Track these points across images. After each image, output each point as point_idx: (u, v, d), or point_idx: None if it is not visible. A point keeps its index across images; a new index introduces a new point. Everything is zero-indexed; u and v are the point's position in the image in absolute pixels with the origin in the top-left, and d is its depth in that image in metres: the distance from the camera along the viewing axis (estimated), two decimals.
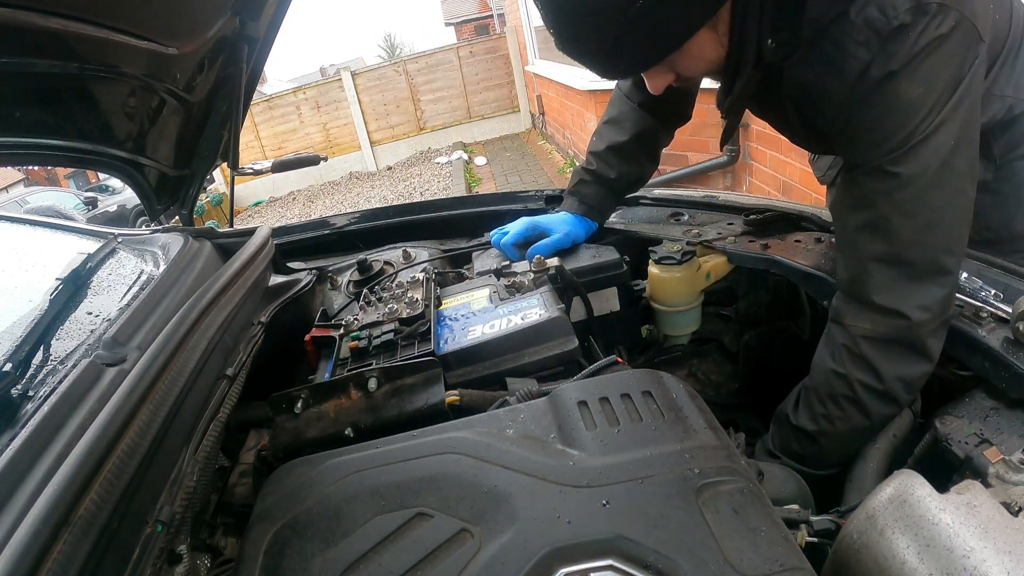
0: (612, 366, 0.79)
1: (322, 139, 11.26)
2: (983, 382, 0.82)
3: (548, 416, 0.66)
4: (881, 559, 0.61)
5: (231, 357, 0.87)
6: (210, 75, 1.28)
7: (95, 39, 0.92)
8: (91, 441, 0.54)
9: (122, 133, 1.24)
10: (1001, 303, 0.85)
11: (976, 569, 0.54)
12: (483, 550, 0.52)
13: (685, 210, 1.40)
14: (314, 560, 0.56)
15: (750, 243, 1.15)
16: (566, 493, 0.56)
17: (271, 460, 0.77)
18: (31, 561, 0.45)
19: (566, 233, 1.22)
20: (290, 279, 1.25)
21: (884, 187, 0.78)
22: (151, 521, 0.59)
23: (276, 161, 1.85)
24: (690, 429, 0.62)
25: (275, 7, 1.24)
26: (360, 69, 11.46)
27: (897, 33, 0.71)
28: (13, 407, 0.67)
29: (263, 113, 10.94)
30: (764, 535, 0.51)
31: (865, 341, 0.83)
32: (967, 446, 0.75)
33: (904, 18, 0.71)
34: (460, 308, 0.99)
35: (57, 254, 1.16)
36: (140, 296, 0.89)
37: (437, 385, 0.80)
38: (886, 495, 0.65)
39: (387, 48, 34.48)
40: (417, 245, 1.45)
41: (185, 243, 1.11)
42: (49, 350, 0.79)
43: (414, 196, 8.25)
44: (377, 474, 0.63)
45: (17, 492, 0.52)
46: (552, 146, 8.86)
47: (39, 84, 0.99)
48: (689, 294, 1.18)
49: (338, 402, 0.81)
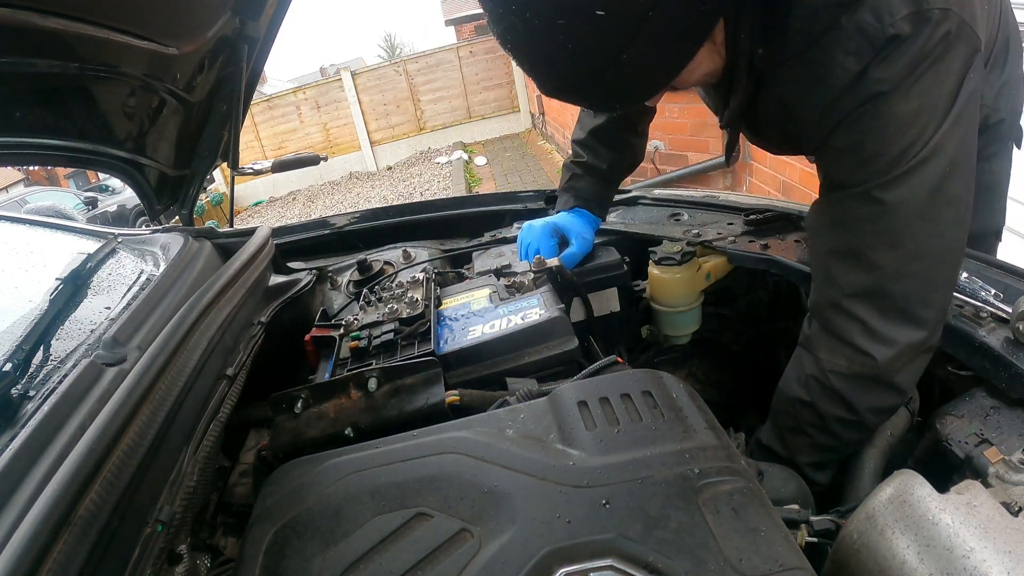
0: (612, 366, 0.79)
1: (322, 139, 11.27)
2: (983, 382, 0.82)
3: (548, 416, 0.66)
4: (881, 559, 0.61)
5: (231, 357, 0.87)
6: (210, 75, 1.28)
7: (95, 39, 0.92)
8: (91, 441, 0.54)
9: (122, 133, 1.24)
10: (1001, 303, 0.85)
11: (976, 569, 0.54)
12: (483, 550, 0.52)
13: (685, 210, 1.40)
14: (314, 560, 0.56)
15: (750, 243, 1.15)
16: (566, 493, 0.56)
17: (271, 460, 0.77)
18: (31, 561, 0.45)
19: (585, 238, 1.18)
20: (290, 279, 1.25)
21: (868, 213, 0.72)
22: (151, 521, 0.59)
23: (276, 161, 1.85)
24: (690, 429, 0.62)
25: (275, 7, 1.24)
26: (360, 69, 11.47)
27: (892, 43, 0.65)
28: (13, 407, 0.67)
29: (263, 113, 10.94)
30: (764, 535, 0.51)
31: (836, 376, 0.80)
32: (967, 446, 0.75)
33: (902, 27, 0.64)
34: (460, 308, 0.99)
35: (57, 254, 1.16)
36: (140, 296, 0.89)
37: (437, 385, 0.80)
38: (886, 495, 0.65)
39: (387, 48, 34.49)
40: (417, 245, 1.45)
41: (185, 243, 1.11)
42: (49, 350, 0.78)
43: (414, 196, 8.26)
44: (377, 474, 0.63)
45: (17, 492, 0.52)
46: (552, 146, 8.86)
47: (39, 84, 0.99)
48: (689, 294, 1.18)
49: (338, 402, 0.81)
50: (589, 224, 1.23)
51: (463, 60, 11.07)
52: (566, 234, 1.19)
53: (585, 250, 1.17)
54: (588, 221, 1.23)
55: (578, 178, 1.26)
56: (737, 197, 1.40)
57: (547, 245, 1.17)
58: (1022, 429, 0.74)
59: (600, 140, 1.22)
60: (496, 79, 11.22)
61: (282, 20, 1.29)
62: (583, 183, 1.25)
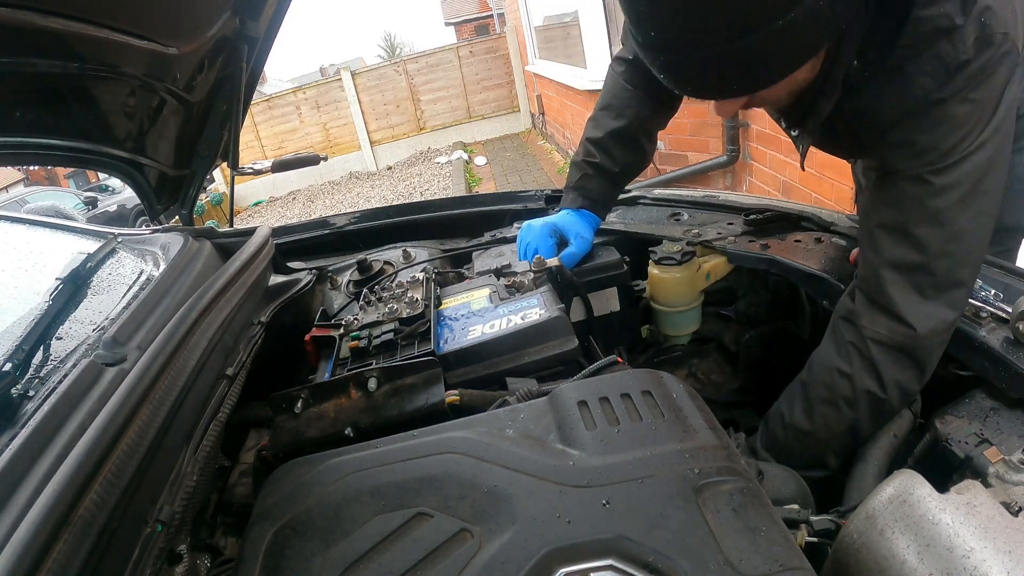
0: (612, 366, 0.79)
1: (322, 139, 11.26)
2: (983, 382, 0.82)
3: (548, 416, 0.66)
4: (881, 559, 0.61)
5: (231, 357, 0.87)
6: (210, 75, 1.28)
7: (95, 39, 0.92)
8: (91, 441, 0.54)
9: (122, 133, 1.24)
10: (1001, 303, 0.85)
11: (976, 569, 0.54)
12: (483, 550, 0.52)
13: (685, 210, 1.40)
14: (314, 560, 0.56)
15: (750, 243, 1.15)
16: (566, 493, 0.56)
17: (271, 460, 0.77)
18: (31, 561, 0.45)
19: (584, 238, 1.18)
20: (290, 279, 1.25)
21: (918, 192, 0.79)
22: (151, 521, 0.59)
23: (276, 161, 1.84)
24: (690, 429, 0.62)
25: (275, 7, 1.24)
26: (360, 69, 11.46)
27: (962, 67, 0.73)
28: (13, 407, 0.67)
29: (263, 113, 10.93)
30: (764, 535, 0.51)
31: (876, 345, 0.84)
32: (967, 446, 0.75)
33: (971, 52, 0.72)
34: (460, 308, 0.99)
35: (57, 254, 1.16)
36: (140, 296, 0.89)
37: (437, 385, 0.80)
38: (886, 495, 0.65)
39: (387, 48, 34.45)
40: (417, 245, 1.45)
41: (185, 243, 1.11)
42: (49, 350, 0.78)
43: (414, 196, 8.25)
44: (377, 474, 0.63)
45: (17, 492, 0.52)
46: (552, 146, 8.86)
47: (39, 84, 0.99)
48: (689, 294, 1.18)
49: (338, 402, 0.81)
50: (589, 224, 1.22)
51: (463, 60, 11.06)
52: (565, 234, 1.19)
53: (584, 250, 1.17)
54: (588, 221, 1.23)
55: (589, 178, 1.25)
56: (737, 197, 1.40)
57: (546, 245, 1.17)
58: (1022, 429, 0.75)
59: (617, 141, 1.21)
60: (496, 79, 11.21)
61: (282, 20, 1.29)
62: (593, 184, 1.25)
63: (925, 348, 0.82)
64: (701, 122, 3.89)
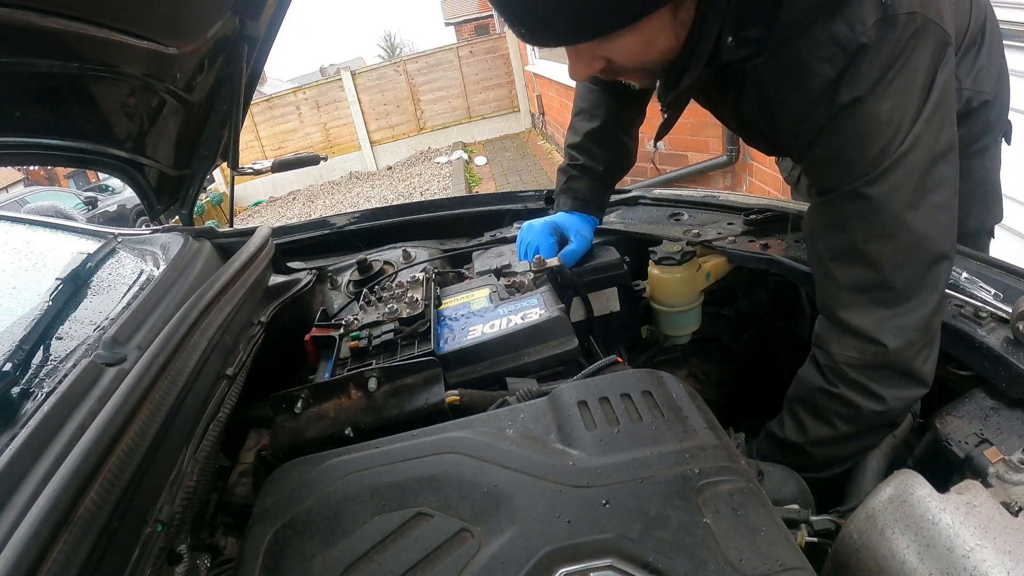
0: (612, 366, 0.79)
1: (322, 139, 11.27)
2: (983, 382, 0.82)
3: (548, 416, 0.66)
4: (881, 559, 0.61)
5: (231, 357, 0.87)
6: (210, 75, 1.27)
7: (95, 39, 0.92)
8: (91, 441, 0.54)
9: (122, 133, 1.24)
10: (1001, 303, 0.85)
11: (976, 569, 0.54)
12: (483, 550, 0.52)
13: (685, 210, 1.40)
14: (314, 560, 0.56)
15: (750, 243, 1.15)
16: (566, 493, 0.56)
17: (271, 460, 0.77)
18: (31, 561, 0.45)
19: (584, 236, 1.18)
20: (290, 279, 1.25)
21: (858, 209, 0.74)
22: (151, 521, 0.59)
23: (276, 161, 1.84)
24: (690, 429, 0.62)
25: (275, 7, 1.24)
26: (360, 69, 11.47)
27: (863, 51, 0.67)
28: (13, 407, 0.67)
29: (263, 113, 10.94)
30: (764, 535, 0.51)
31: (852, 368, 0.80)
32: (967, 446, 0.75)
33: (871, 35, 0.66)
34: (460, 308, 0.99)
35: (57, 254, 1.16)
36: (140, 296, 0.89)
37: (437, 385, 0.80)
38: (886, 495, 0.65)
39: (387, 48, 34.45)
40: (417, 245, 1.45)
41: (185, 243, 1.11)
42: (49, 350, 0.78)
43: (414, 196, 8.25)
44: (377, 474, 0.63)
45: (17, 492, 0.52)
46: (552, 146, 8.86)
47: (39, 84, 0.99)
48: (689, 294, 1.18)
49: (338, 402, 0.81)
50: (588, 224, 1.23)
51: (463, 60, 11.07)
52: (565, 232, 1.19)
53: (584, 247, 1.18)
54: (587, 221, 1.23)
55: (575, 179, 1.26)
56: (737, 197, 1.40)
57: (546, 244, 1.17)
58: (1022, 429, 0.74)
59: (595, 142, 1.22)
60: (496, 79, 11.22)
61: (282, 20, 1.29)
62: (580, 184, 1.25)
63: (906, 358, 0.77)
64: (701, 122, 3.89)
